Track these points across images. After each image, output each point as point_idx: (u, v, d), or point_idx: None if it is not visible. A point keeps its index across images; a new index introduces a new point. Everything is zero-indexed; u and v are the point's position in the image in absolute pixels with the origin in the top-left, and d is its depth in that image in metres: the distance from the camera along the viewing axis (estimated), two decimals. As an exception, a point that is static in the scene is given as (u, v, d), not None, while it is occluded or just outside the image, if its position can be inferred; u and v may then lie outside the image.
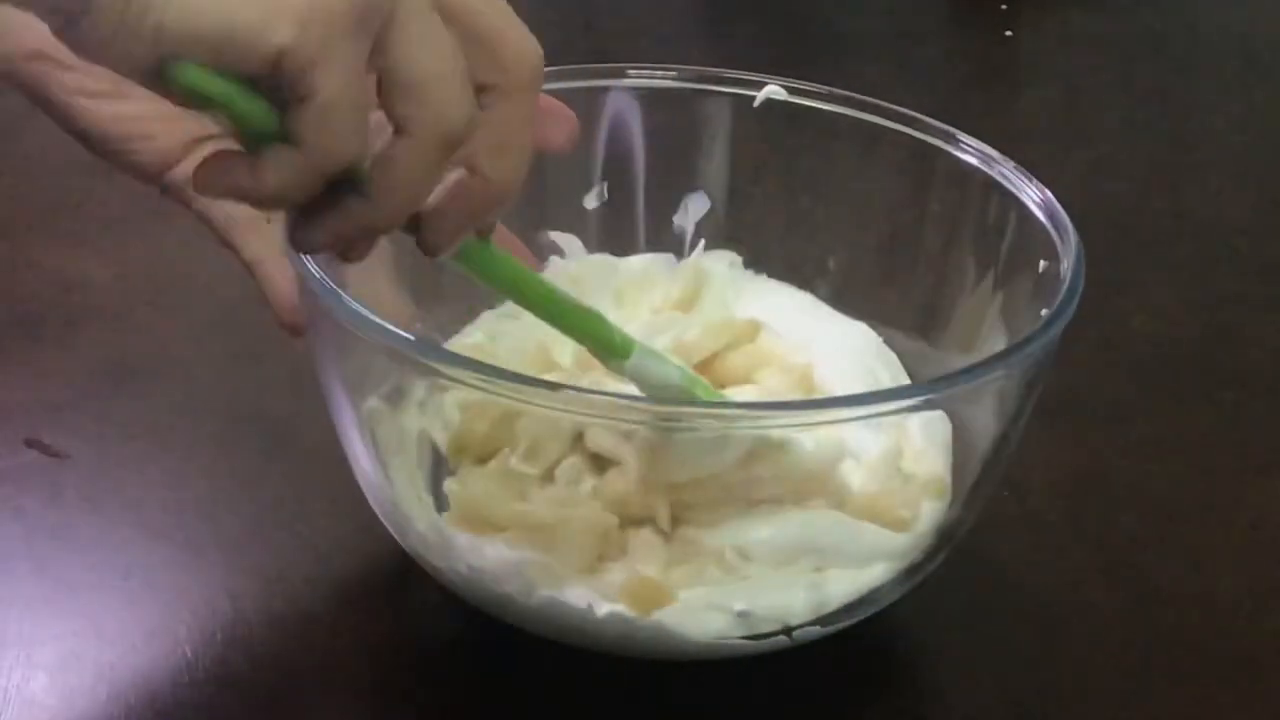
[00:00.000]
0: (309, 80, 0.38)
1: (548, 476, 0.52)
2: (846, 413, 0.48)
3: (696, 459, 0.50)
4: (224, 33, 0.37)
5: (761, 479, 0.51)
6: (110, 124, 0.52)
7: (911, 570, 0.51)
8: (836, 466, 0.52)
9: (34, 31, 0.51)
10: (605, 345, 0.51)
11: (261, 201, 0.41)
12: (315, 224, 0.42)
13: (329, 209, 0.41)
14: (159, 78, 0.37)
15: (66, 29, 0.36)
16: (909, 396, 0.50)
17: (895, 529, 0.51)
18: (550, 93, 0.59)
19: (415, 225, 0.44)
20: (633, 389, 0.56)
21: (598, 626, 0.49)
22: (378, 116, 0.41)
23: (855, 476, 0.53)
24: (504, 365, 0.47)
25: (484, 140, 0.43)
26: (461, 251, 0.46)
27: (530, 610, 0.49)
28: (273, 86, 0.38)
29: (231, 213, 0.54)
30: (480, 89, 0.42)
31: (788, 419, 0.50)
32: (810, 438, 0.51)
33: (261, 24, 0.37)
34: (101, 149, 0.53)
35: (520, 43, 0.43)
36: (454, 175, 0.44)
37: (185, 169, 0.54)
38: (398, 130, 0.41)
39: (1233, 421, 0.68)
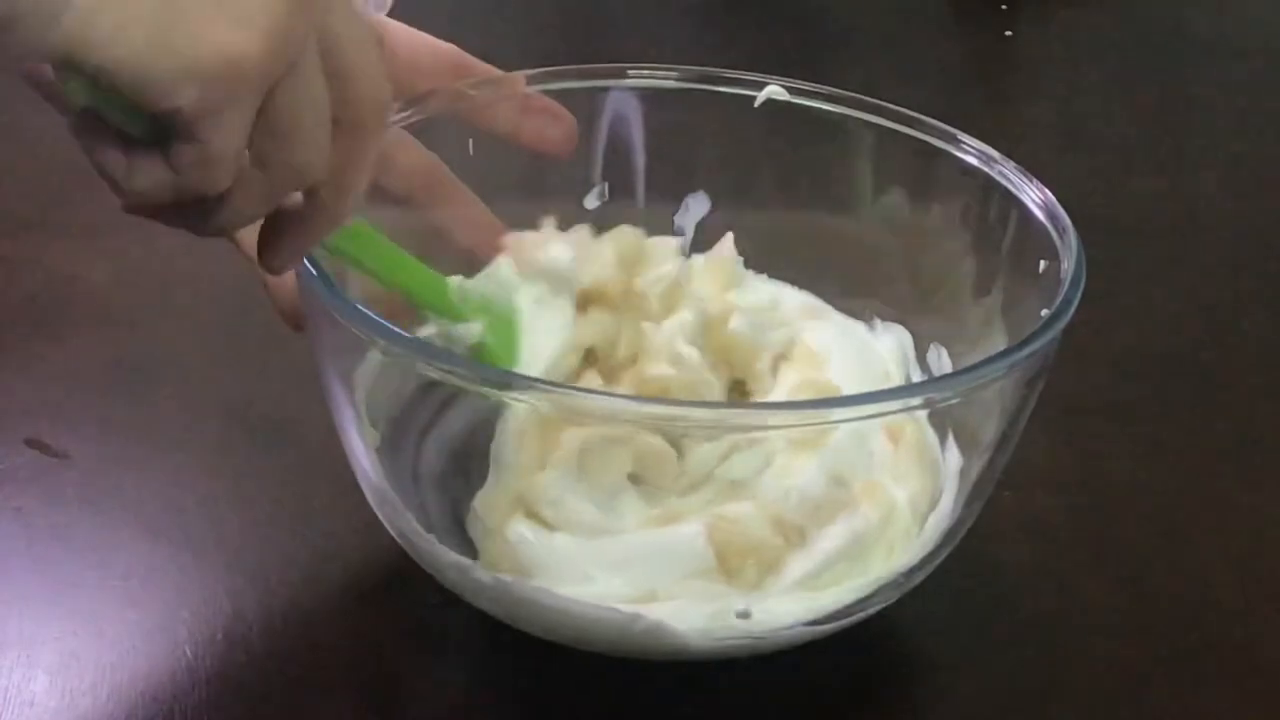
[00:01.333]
0: (197, 131, 0.38)
1: None
2: (843, 413, 0.48)
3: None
4: (136, 83, 0.37)
5: None
6: None
7: (911, 571, 0.51)
8: None
9: None
10: (440, 310, 0.52)
11: (119, 193, 0.41)
12: (159, 212, 0.42)
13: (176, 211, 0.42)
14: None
15: None
16: (909, 396, 0.50)
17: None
18: (550, 93, 0.59)
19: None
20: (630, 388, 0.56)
21: (597, 626, 0.49)
22: None
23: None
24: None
25: (343, 163, 0.43)
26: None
27: (529, 609, 0.49)
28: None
29: None
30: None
31: (784, 419, 0.50)
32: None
33: (171, 84, 0.37)
34: None
35: (371, 83, 0.43)
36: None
37: None
38: (255, 161, 0.41)
39: (1233, 422, 0.68)
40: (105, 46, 0.36)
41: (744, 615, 0.49)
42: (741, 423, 0.51)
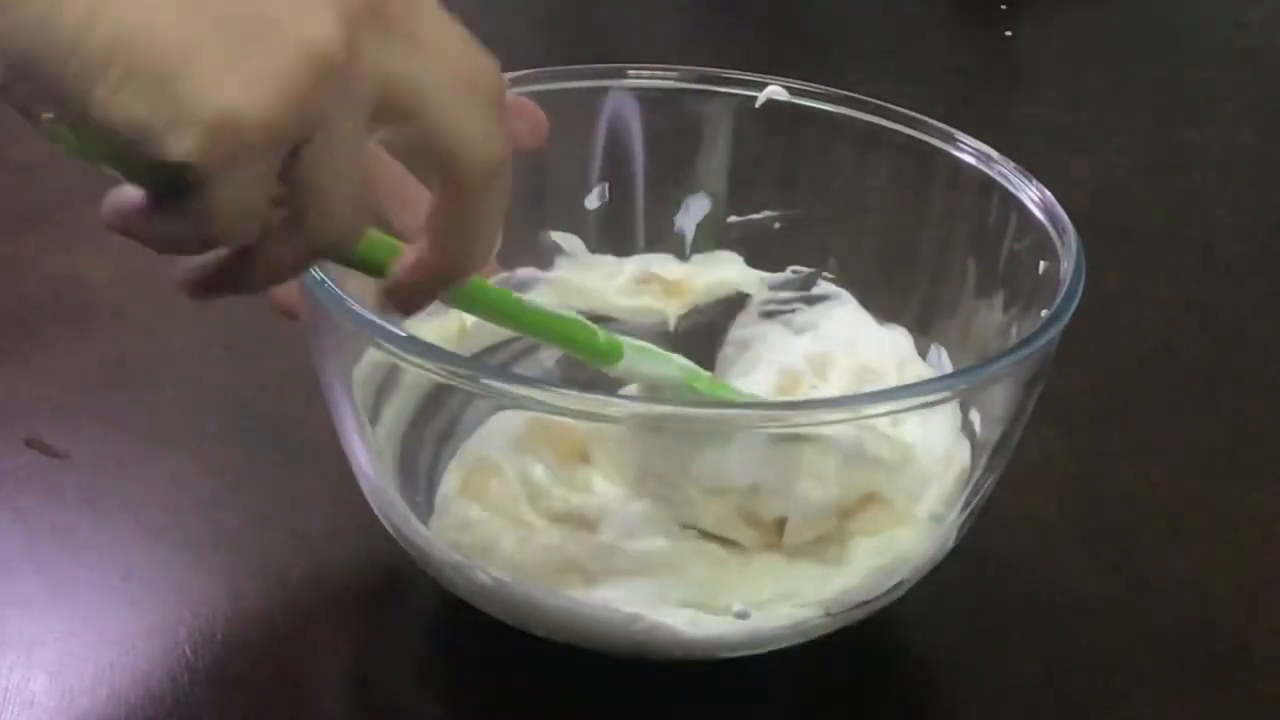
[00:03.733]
0: (201, 186, 0.37)
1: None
2: (840, 413, 0.48)
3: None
4: (134, 133, 0.36)
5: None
6: None
7: (910, 571, 0.51)
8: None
9: None
10: (592, 351, 0.50)
11: (149, 244, 0.40)
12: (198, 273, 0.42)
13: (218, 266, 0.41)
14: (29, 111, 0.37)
15: None
16: (908, 397, 0.50)
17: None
18: (550, 93, 0.59)
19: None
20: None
21: (597, 626, 0.49)
22: None
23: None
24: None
25: (445, 225, 0.42)
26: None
27: (528, 609, 0.49)
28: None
29: None
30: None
31: (781, 418, 0.50)
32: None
33: (165, 135, 0.36)
34: None
35: (473, 146, 0.41)
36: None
37: None
38: (288, 215, 0.39)
39: (1232, 422, 0.68)
40: (109, 93, 0.35)
41: (743, 615, 0.49)
42: (742, 420, 0.51)
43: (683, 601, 0.49)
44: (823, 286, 0.62)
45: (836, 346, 0.59)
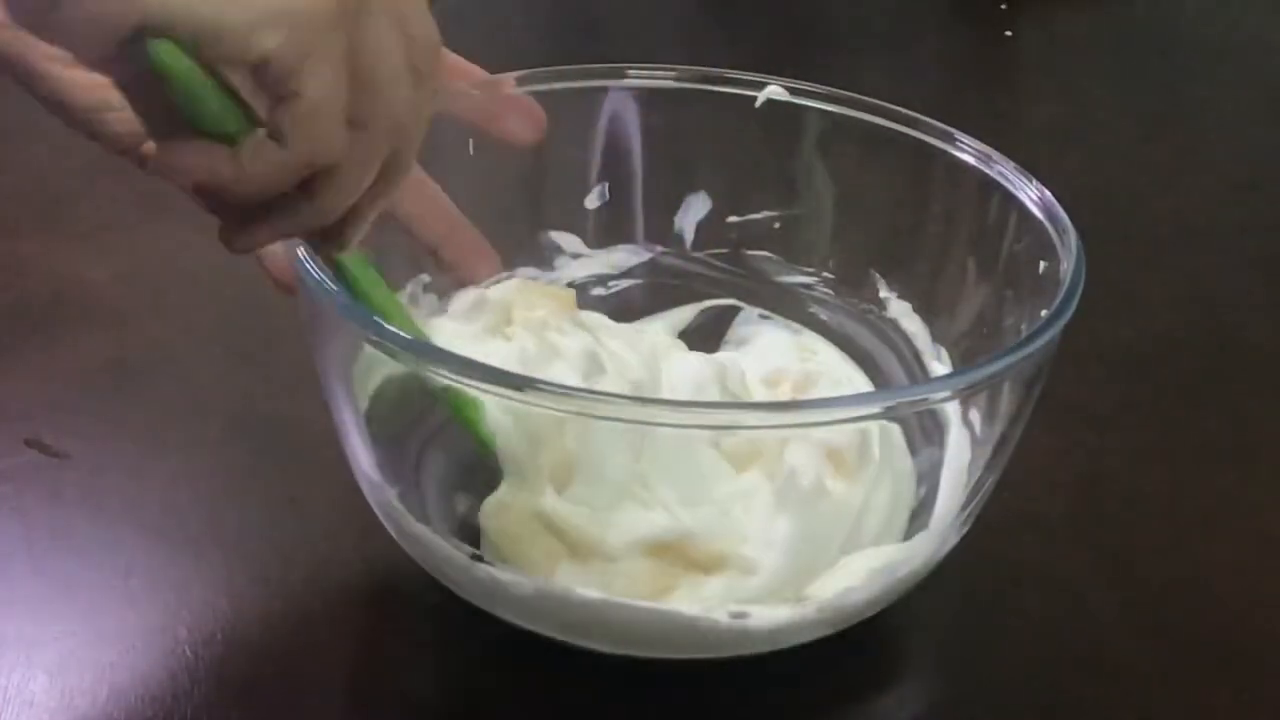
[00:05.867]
0: (294, 82, 0.38)
1: None
2: (841, 413, 0.48)
3: None
4: (212, 28, 0.37)
5: None
6: (86, 91, 0.52)
7: (910, 571, 0.51)
8: None
9: None
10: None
11: (235, 191, 0.41)
12: (258, 226, 0.42)
13: (275, 210, 0.42)
14: (125, 51, 0.37)
15: None
16: (908, 397, 0.50)
17: None
18: (550, 93, 0.59)
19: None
20: (633, 388, 0.57)
21: (597, 625, 0.49)
22: None
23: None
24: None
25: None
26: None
27: (528, 608, 0.49)
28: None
29: None
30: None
31: (780, 419, 0.50)
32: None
33: (249, 26, 0.37)
34: (75, 118, 0.52)
35: (425, 23, 0.42)
36: None
37: None
38: (354, 124, 0.41)
39: (1233, 422, 0.68)
40: (184, 8, 0.36)
41: (740, 616, 0.49)
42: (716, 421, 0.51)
43: (683, 601, 0.49)
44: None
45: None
